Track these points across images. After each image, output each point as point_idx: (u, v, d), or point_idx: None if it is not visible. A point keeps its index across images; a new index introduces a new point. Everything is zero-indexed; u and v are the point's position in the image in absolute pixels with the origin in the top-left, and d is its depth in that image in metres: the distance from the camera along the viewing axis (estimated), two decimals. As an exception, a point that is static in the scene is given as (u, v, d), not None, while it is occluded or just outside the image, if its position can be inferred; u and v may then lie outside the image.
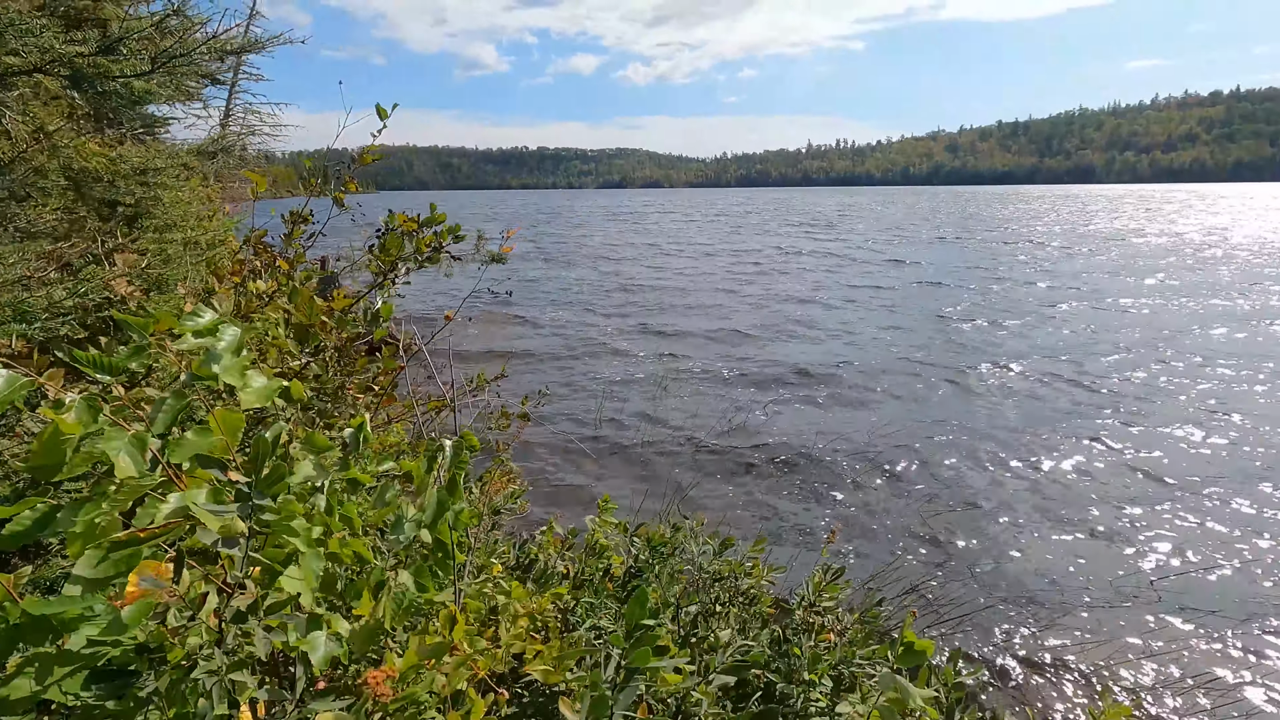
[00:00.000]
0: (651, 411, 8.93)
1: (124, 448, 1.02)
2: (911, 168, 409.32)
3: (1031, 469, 7.07)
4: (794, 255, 28.54)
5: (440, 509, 1.55)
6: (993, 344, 12.36)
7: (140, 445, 1.02)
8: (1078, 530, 5.81)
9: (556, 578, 2.36)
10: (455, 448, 1.52)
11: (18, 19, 1.98)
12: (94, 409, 1.05)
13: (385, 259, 3.06)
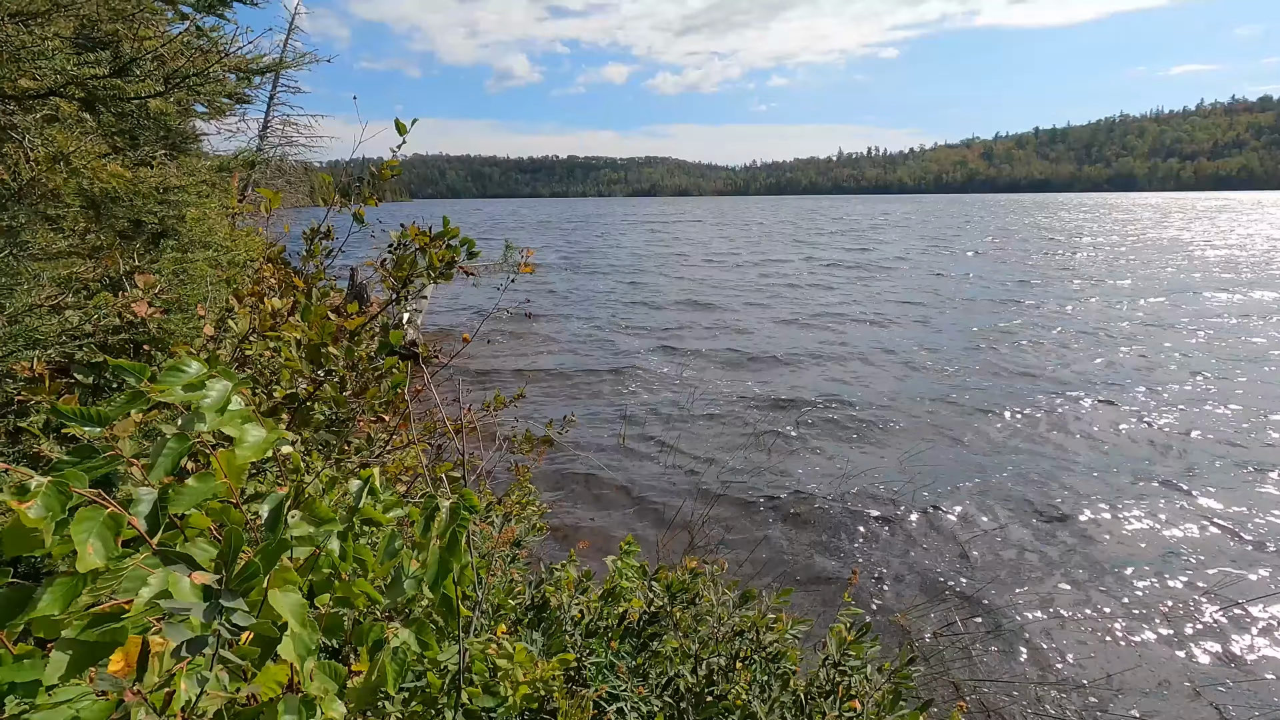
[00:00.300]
0: (675, 435, 8.71)
1: (95, 532, 0.94)
2: (945, 176, 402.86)
3: (1080, 519, 6.38)
4: (825, 267, 27.64)
5: (443, 569, 1.45)
6: (1038, 370, 11.53)
7: (114, 527, 0.95)
8: (1130, 600, 5.23)
9: (569, 623, 2.24)
10: (453, 509, 1.41)
11: (29, 41, 1.95)
12: (63, 495, 0.96)
13: (398, 275, 2.99)
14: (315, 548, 1.47)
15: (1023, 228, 54.33)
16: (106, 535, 0.92)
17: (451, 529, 1.47)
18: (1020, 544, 5.97)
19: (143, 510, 1.12)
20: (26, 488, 0.94)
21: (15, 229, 2.15)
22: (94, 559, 0.90)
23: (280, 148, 16.03)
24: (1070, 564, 5.69)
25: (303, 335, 2.81)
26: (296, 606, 1.25)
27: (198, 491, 1.26)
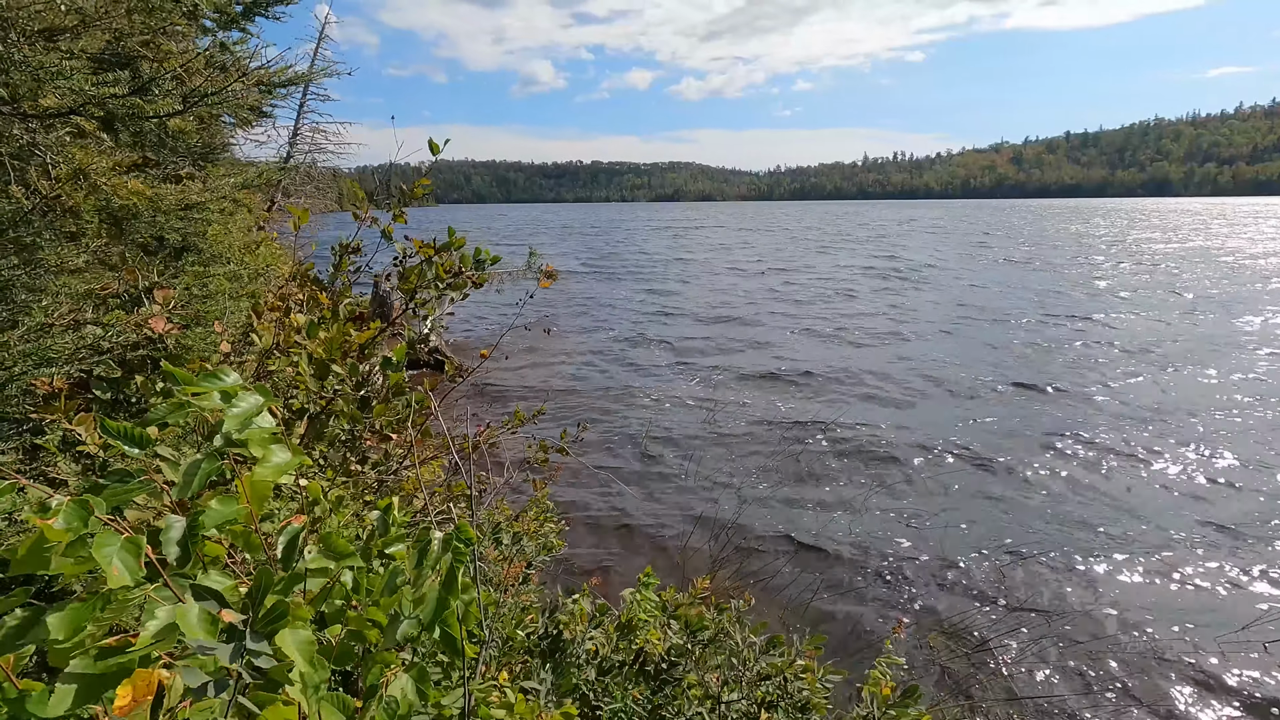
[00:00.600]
0: (698, 454, 8.55)
1: (116, 554, 0.93)
2: (973, 181, 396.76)
3: (1125, 561, 5.87)
4: (851, 276, 26.94)
5: (440, 607, 1.38)
6: (1080, 394, 10.56)
7: (135, 550, 0.94)
8: (1180, 652, 4.90)
9: (583, 658, 2.15)
10: (445, 541, 1.35)
11: (47, 62, 1.94)
12: (84, 512, 0.95)
13: (405, 288, 2.95)
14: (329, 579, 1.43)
15: (1057, 234, 52.47)
16: (128, 557, 0.93)
17: (449, 564, 1.41)
18: (1057, 585, 5.60)
19: (174, 536, 1.12)
20: (48, 505, 0.95)
21: (33, 246, 2.15)
22: (121, 577, 0.91)
23: (310, 154, 16.27)
24: (1118, 609, 5.34)
25: (314, 351, 2.78)
26: (305, 644, 1.20)
27: (219, 514, 1.24)
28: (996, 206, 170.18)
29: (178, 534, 1.08)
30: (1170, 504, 6.91)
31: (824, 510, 6.88)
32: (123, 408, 2.96)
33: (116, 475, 1.09)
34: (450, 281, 2.88)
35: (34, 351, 2.00)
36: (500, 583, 2.34)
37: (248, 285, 3.59)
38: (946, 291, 22.22)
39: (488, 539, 2.95)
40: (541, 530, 3.89)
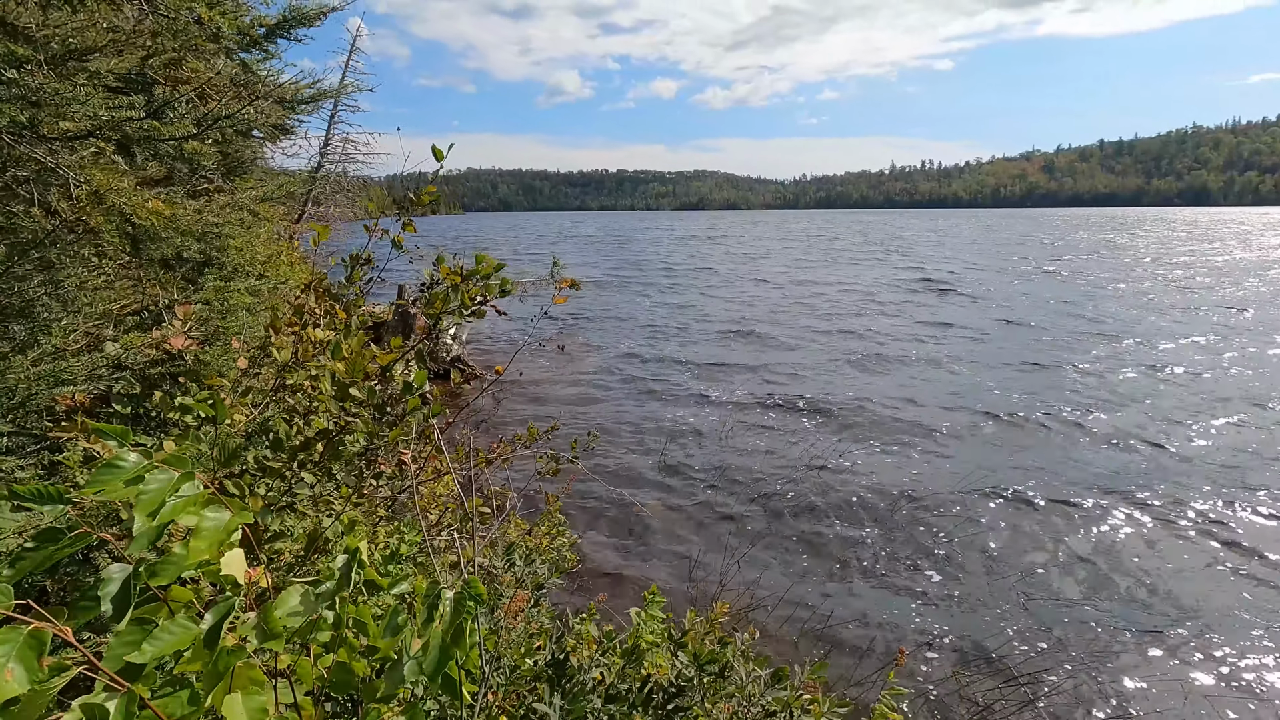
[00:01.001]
0: (714, 471, 8.45)
1: (15, 654, 0.82)
2: (1003, 189, 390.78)
3: (1163, 614, 5.39)
4: (877, 288, 26.02)
5: (444, 658, 1.35)
6: (1125, 432, 9.32)
7: (39, 646, 0.84)
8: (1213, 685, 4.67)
9: (590, 685, 2.11)
10: (457, 601, 1.31)
11: (63, 89, 1.98)
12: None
13: (429, 313, 2.96)
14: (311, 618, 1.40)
15: (1095, 245, 49.54)
16: (29, 656, 0.82)
17: (456, 621, 1.37)
18: (1089, 630, 5.26)
19: (111, 590, 1.05)
20: None
21: (55, 266, 2.18)
22: (14, 686, 0.80)
23: (340, 163, 16.60)
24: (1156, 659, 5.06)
25: (335, 370, 2.80)
26: (256, 713, 1.14)
27: (182, 560, 1.15)
28: (1028, 215, 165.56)
29: (114, 589, 1.02)
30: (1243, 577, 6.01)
31: (842, 534, 6.74)
32: (143, 422, 3.00)
33: (46, 537, 1.01)
34: (474, 309, 2.88)
35: (50, 373, 2.03)
36: (510, 608, 2.31)
37: (268, 299, 3.63)
38: (975, 304, 21.22)
39: (500, 559, 2.92)
40: (554, 545, 3.87)
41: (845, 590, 5.73)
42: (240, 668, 1.12)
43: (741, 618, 5.13)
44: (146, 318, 2.88)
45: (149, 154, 2.26)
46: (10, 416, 2.14)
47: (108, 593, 1.02)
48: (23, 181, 2.35)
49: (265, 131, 5.28)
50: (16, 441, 2.38)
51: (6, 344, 2.10)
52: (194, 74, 3.38)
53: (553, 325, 18.02)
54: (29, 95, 1.94)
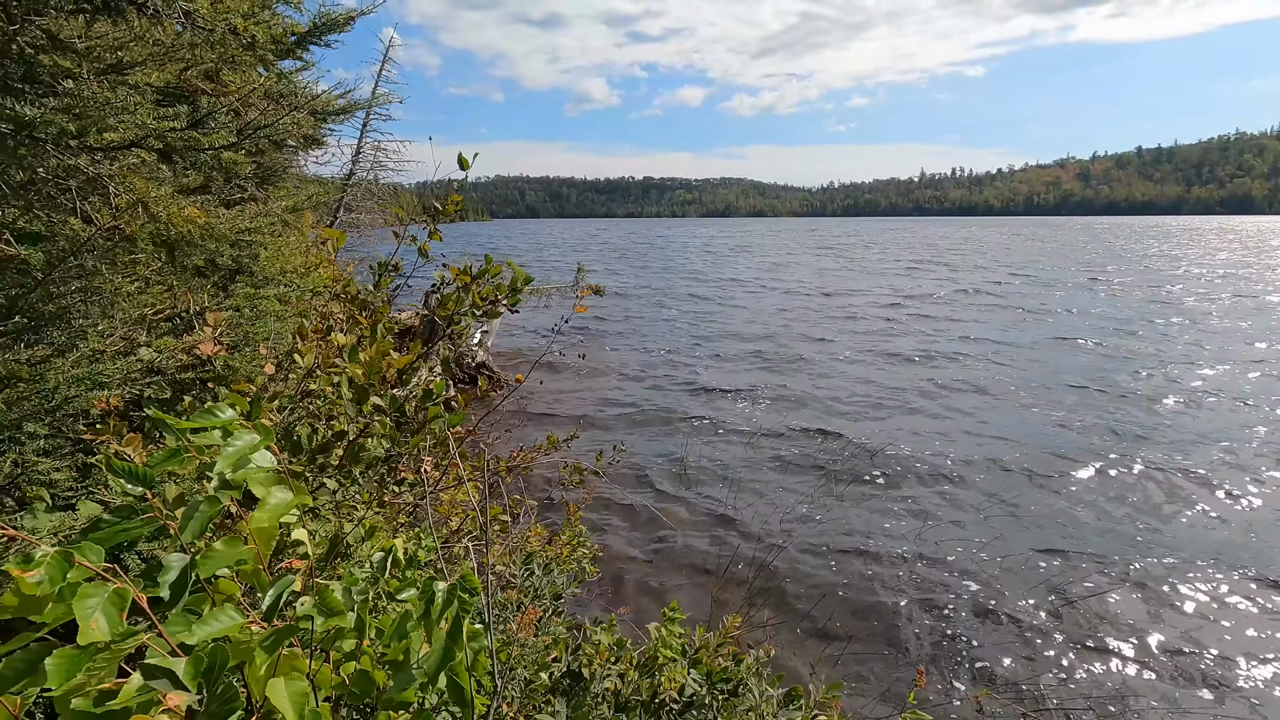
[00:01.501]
0: (735, 486, 8.34)
1: (99, 607, 0.93)
2: (1036, 197, 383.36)
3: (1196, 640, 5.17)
4: (907, 300, 25.02)
5: (445, 657, 1.35)
6: (1177, 461, 8.57)
7: (120, 603, 0.94)
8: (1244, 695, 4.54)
9: (601, 695, 2.10)
10: (449, 592, 1.32)
11: (113, 98, 2.04)
12: (65, 564, 0.95)
13: (442, 314, 2.99)
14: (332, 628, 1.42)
15: (1137, 256, 46.83)
16: (111, 610, 0.92)
17: (455, 614, 1.38)
18: (1126, 662, 5.05)
19: (170, 578, 1.12)
20: (31, 556, 0.94)
21: (92, 273, 2.25)
22: (97, 633, 0.90)
23: (372, 171, 16.93)
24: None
25: (353, 374, 2.83)
26: (298, 697, 1.19)
27: (224, 556, 1.24)
28: (1064, 224, 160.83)
29: (173, 575, 1.08)
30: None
31: (865, 549, 6.63)
32: (173, 425, 3.06)
33: (122, 512, 1.10)
34: (486, 309, 2.90)
35: (86, 376, 2.09)
36: (524, 620, 2.31)
37: (297, 305, 3.70)
38: (1014, 319, 19.94)
39: (518, 568, 2.93)
40: (574, 556, 3.86)
41: (866, 606, 5.64)
42: (284, 655, 1.16)
43: (756, 629, 5.08)
44: (179, 323, 2.95)
45: (189, 163, 2.32)
46: (48, 419, 2.20)
47: (167, 579, 1.09)
48: (65, 190, 2.43)
49: (298, 142, 5.40)
50: (53, 444, 2.44)
51: (46, 348, 2.16)
52: (232, 86, 3.47)
53: (577, 333, 18.08)
54: (78, 106, 2.01)
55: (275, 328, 3.26)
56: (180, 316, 2.79)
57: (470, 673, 1.46)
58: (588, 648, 2.47)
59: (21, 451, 2.38)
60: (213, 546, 1.23)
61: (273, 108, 2.69)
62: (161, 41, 3.05)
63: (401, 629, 1.46)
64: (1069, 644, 5.09)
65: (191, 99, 2.73)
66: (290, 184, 6.53)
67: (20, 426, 2.31)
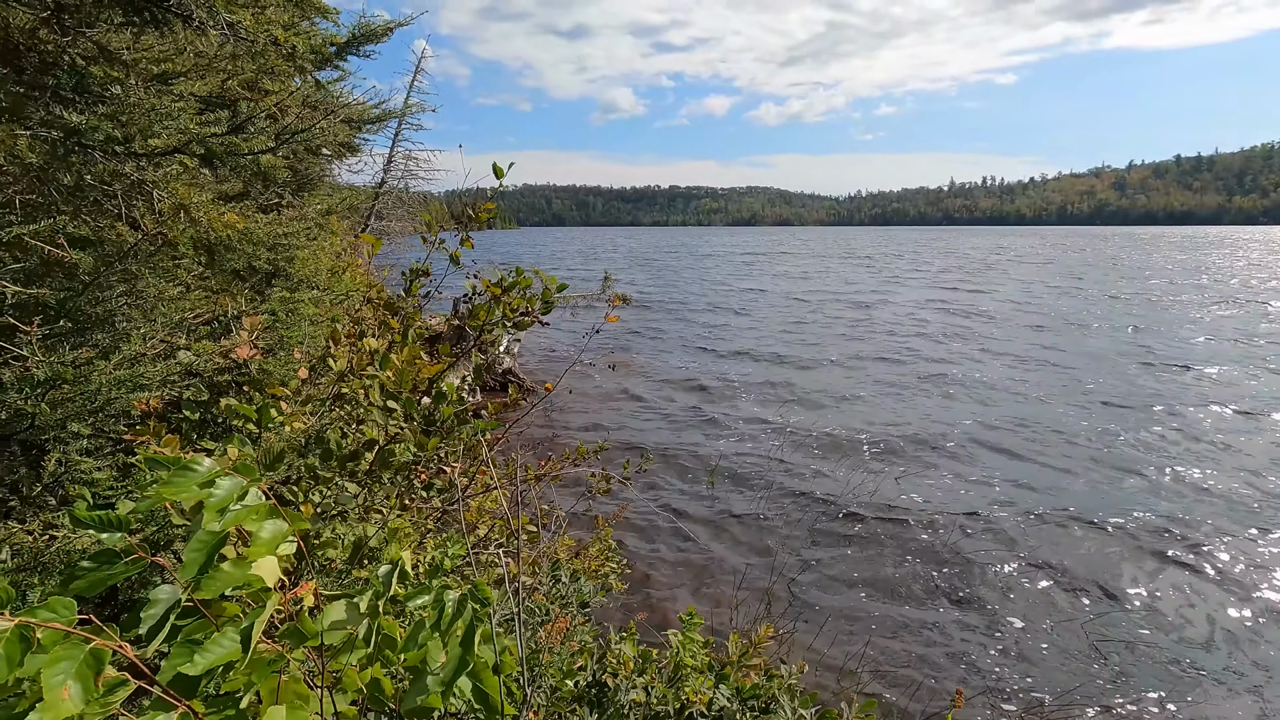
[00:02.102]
0: (760, 498, 8.28)
1: (73, 672, 0.83)
2: (1070, 207, 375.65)
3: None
4: (940, 315, 23.81)
5: (460, 666, 1.33)
6: (1228, 490, 8.05)
7: (96, 665, 0.85)
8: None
9: (628, 708, 2.06)
10: (459, 602, 1.30)
11: (158, 105, 2.09)
12: (22, 645, 0.83)
13: (473, 325, 3.00)
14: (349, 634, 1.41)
15: (1184, 269, 43.38)
16: (86, 675, 0.83)
17: (469, 624, 1.35)
18: (1166, 687, 4.88)
19: (153, 615, 1.07)
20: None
21: (134, 277, 2.29)
22: (69, 704, 0.80)
23: (402, 179, 17.23)
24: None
25: (385, 380, 2.85)
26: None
27: (231, 577, 1.18)
28: (1101, 235, 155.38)
29: (158, 612, 1.04)
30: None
31: (896, 562, 6.50)
32: (209, 428, 3.12)
33: (102, 557, 1.05)
34: (517, 320, 2.91)
35: (128, 379, 2.13)
36: (553, 629, 2.29)
37: (330, 309, 3.76)
38: (1051, 339, 18.50)
39: (546, 577, 2.91)
40: (602, 570, 3.83)
41: (898, 619, 5.52)
42: (285, 681, 1.14)
43: (788, 641, 4.99)
44: (217, 327, 3.01)
45: (229, 167, 2.36)
46: (91, 420, 2.25)
47: (150, 615, 1.05)
48: (111, 196, 2.49)
49: (333, 149, 5.50)
50: (95, 444, 2.49)
51: (90, 350, 2.21)
52: (271, 93, 3.54)
53: (603, 342, 18.08)
54: (124, 113, 2.06)
55: (309, 331, 3.30)
56: (218, 320, 2.84)
57: (498, 674, 1.44)
58: (611, 657, 2.44)
59: (65, 450, 2.44)
60: (220, 567, 1.18)
61: (310, 113, 2.73)
62: (204, 53, 3.13)
63: (414, 638, 1.43)
64: (1112, 679, 4.91)
65: (232, 106, 2.78)
66: (324, 191, 6.66)
67: (65, 426, 2.37)
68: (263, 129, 2.46)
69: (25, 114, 2.20)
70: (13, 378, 1.94)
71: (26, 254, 2.15)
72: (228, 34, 2.91)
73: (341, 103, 3.14)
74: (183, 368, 2.59)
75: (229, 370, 3.06)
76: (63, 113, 2.07)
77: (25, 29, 2.76)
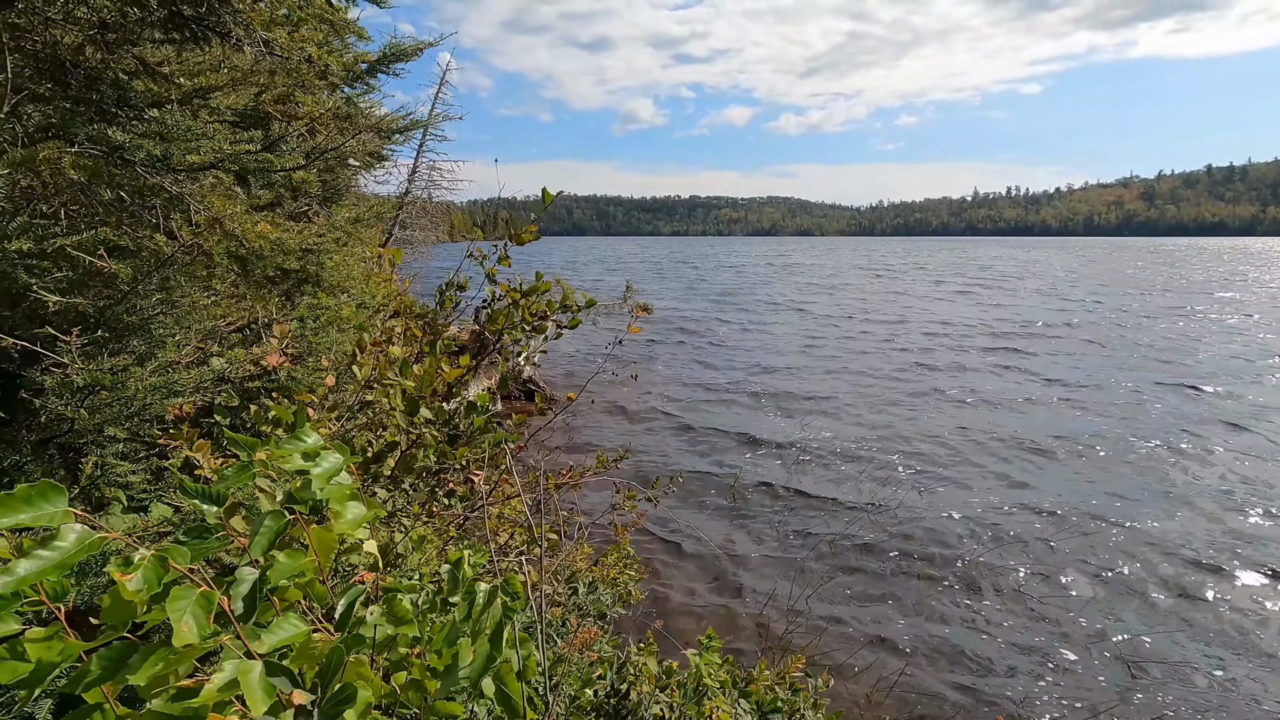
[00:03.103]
0: (782, 521, 8.16)
1: (189, 609, 0.98)
2: (1097, 217, 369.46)
3: None
4: (972, 333, 22.46)
5: (487, 661, 1.36)
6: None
7: (207, 606, 0.99)
8: None
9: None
10: (490, 593, 1.33)
11: (195, 125, 2.16)
12: (160, 570, 1.00)
13: (493, 329, 3.04)
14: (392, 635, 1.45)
15: (1238, 281, 40.31)
16: (199, 613, 0.96)
17: (498, 618, 1.38)
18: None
19: (243, 590, 1.16)
20: (130, 559, 0.99)
21: (170, 287, 2.36)
22: (189, 634, 0.94)
23: (426, 189, 17.48)
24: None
25: (406, 386, 2.90)
26: (363, 706, 1.21)
27: (287, 567, 1.28)
28: (1131, 246, 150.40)
29: (245, 589, 1.12)
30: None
31: (925, 582, 6.41)
32: (239, 432, 3.19)
33: (194, 531, 1.15)
34: (535, 325, 2.94)
35: (163, 385, 2.19)
36: (577, 641, 2.30)
37: (356, 318, 3.82)
38: (1087, 365, 16.48)
39: (563, 585, 2.93)
40: (621, 579, 3.84)
41: (929, 640, 5.44)
42: (350, 662, 1.20)
43: (813, 661, 4.94)
44: (249, 334, 3.08)
45: (262, 183, 2.43)
46: (126, 424, 2.31)
47: (239, 592, 1.13)
48: (150, 208, 2.57)
49: (361, 160, 5.61)
50: (130, 447, 2.56)
51: (127, 357, 2.28)
52: (303, 109, 3.63)
53: (623, 351, 18.07)
54: (165, 131, 2.13)
55: (336, 339, 3.37)
56: (249, 327, 2.91)
57: (521, 679, 1.46)
58: (630, 669, 2.44)
59: (102, 454, 2.51)
60: (276, 558, 1.27)
61: (340, 131, 2.80)
62: (238, 67, 3.22)
63: (452, 634, 1.47)
64: (1146, 700, 4.80)
65: (266, 123, 2.86)
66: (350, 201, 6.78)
67: (102, 430, 2.44)
68: (295, 147, 2.52)
69: (72, 129, 2.28)
70: (54, 384, 2.00)
71: (69, 265, 2.23)
72: (263, 50, 3.00)
73: (371, 119, 3.21)
74: (215, 374, 2.66)
75: (258, 376, 3.13)
76: (107, 130, 2.14)
77: (72, 46, 2.87)
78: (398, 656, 1.50)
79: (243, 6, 2.50)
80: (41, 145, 2.21)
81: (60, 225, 2.23)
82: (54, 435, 2.50)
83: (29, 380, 2.12)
